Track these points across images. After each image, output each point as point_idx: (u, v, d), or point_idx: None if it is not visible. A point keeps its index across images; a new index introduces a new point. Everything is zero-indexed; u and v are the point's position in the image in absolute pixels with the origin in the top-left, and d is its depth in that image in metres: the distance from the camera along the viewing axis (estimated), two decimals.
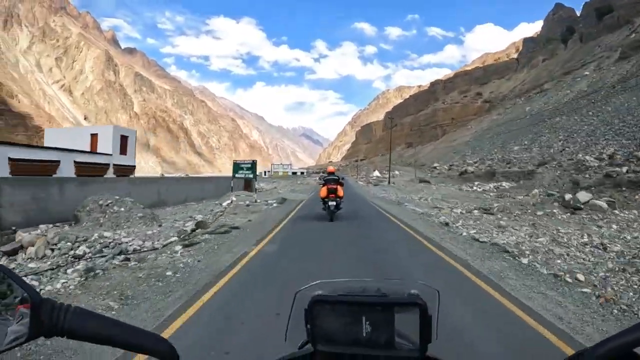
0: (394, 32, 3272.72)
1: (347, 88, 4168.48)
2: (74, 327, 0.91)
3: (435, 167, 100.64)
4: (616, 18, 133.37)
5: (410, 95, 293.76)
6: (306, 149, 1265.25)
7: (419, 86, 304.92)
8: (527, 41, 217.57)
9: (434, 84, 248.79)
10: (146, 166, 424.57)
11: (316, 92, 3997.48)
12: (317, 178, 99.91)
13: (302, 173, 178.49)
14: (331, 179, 18.70)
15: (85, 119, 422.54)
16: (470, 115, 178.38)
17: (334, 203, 18.18)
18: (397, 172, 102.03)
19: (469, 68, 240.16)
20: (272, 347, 4.41)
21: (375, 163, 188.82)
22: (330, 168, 20.04)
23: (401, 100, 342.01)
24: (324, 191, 18.55)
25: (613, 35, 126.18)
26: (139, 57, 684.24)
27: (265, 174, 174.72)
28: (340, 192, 18.50)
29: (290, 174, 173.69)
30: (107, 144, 41.62)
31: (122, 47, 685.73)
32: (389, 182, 58.40)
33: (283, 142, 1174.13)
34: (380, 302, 1.12)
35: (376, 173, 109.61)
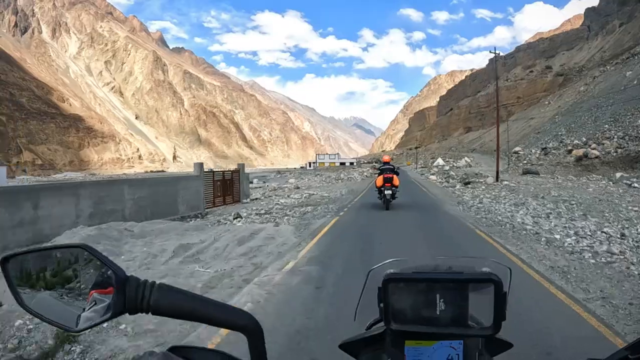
0: (440, 16, 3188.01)
1: (397, 76, 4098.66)
2: (159, 304, 0.87)
3: (517, 153, 79.66)
4: None
5: (467, 76, 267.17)
6: (358, 139, 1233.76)
7: (472, 70, 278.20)
8: (589, 11, 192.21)
9: (493, 61, 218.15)
10: (198, 161, 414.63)
11: (366, 81, 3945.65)
12: (369, 168, 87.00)
13: (351, 163, 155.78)
14: (387, 169, 19.00)
15: (136, 118, 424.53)
16: (540, 91, 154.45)
17: (390, 192, 18.59)
18: (466, 159, 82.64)
19: (532, 40, 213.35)
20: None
21: (432, 150, 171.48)
22: (386, 157, 21.04)
23: (453, 86, 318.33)
24: (380, 180, 18.98)
25: None
26: (187, 56, 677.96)
27: (309, 166, 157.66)
28: (396, 181, 18.89)
29: (337, 164, 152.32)
30: None
31: (170, 48, 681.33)
32: (497, 179, 36.58)
33: (335, 133, 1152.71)
34: (455, 278, 1.09)
35: (439, 161, 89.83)
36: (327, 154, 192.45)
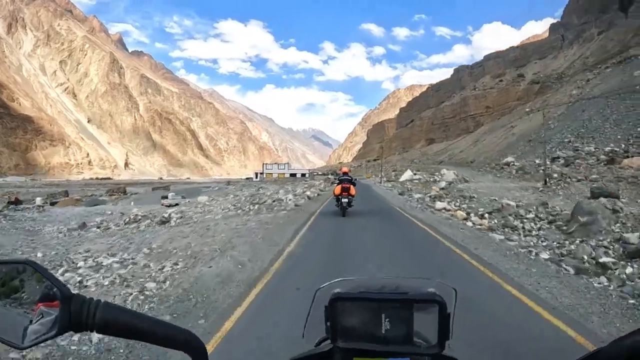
0: (401, 32, 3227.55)
1: (357, 89, 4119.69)
2: (104, 322, 0.81)
3: (509, 164, 62.14)
4: None
5: (429, 87, 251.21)
6: (316, 151, 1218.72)
7: (431, 84, 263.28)
8: (554, 26, 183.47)
9: (458, 71, 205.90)
10: (151, 169, 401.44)
11: (326, 93, 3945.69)
12: (323, 181, 75.97)
13: (303, 175, 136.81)
14: (345, 179, 19.89)
15: (89, 121, 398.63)
16: (512, 100, 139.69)
17: (347, 200, 19.26)
18: (445, 172, 63.97)
19: (502, 49, 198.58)
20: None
21: (393, 162, 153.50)
22: (344, 169, 22.26)
23: (413, 97, 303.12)
24: (338, 189, 19.76)
25: None
26: (146, 60, 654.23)
27: (257, 177, 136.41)
28: (353, 191, 19.56)
29: (287, 175, 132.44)
30: None
31: (130, 51, 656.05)
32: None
33: (293, 144, 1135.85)
34: (400, 298, 1.10)
35: (408, 174, 70.69)
36: (276, 163, 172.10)
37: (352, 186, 19.52)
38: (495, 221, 19.77)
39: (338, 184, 20.26)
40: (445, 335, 1.12)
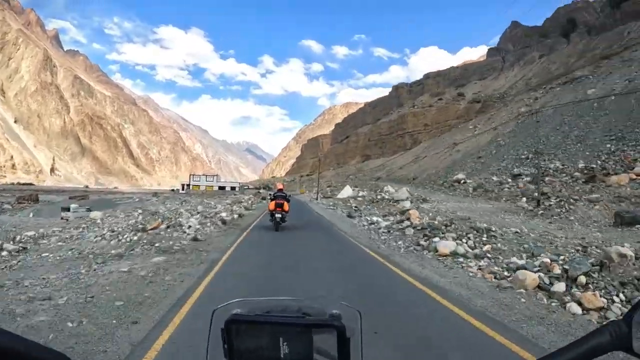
0: (340, 51, 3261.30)
1: (293, 104, 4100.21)
2: None
3: (460, 181, 56.59)
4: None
5: (367, 104, 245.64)
6: (250, 164, 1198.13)
7: (367, 102, 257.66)
8: (491, 50, 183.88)
9: (397, 88, 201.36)
10: (79, 176, 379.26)
11: (262, 107, 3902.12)
12: (252, 195, 73.30)
13: (232, 188, 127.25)
14: (279, 195, 20.79)
15: (15, 121, 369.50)
16: (452, 118, 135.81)
17: (280, 216, 20.04)
18: (390, 188, 56.67)
19: (442, 68, 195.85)
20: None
21: (328, 177, 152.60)
22: (279, 185, 22.80)
23: (350, 113, 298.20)
24: (272, 205, 20.53)
25: None
26: (81, 61, 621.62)
27: (183, 189, 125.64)
28: (286, 207, 20.47)
29: (216, 188, 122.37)
30: None
31: (65, 49, 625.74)
32: None
33: (227, 157, 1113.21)
34: (297, 323, 1.04)
35: (347, 190, 62.90)
36: (204, 175, 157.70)
37: (285, 202, 20.62)
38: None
39: (272, 199, 21.15)
40: (346, 359, 1.05)
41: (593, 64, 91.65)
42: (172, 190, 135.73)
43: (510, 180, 46.46)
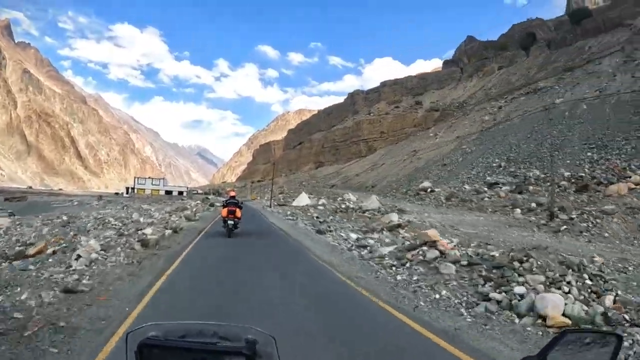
0: (296, 57, 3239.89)
1: (246, 109, 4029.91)
2: None
3: (426, 190, 52.24)
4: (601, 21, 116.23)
5: (321, 110, 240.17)
6: (200, 169, 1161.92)
7: (320, 110, 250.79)
8: (447, 62, 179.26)
9: (353, 96, 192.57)
10: (24, 176, 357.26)
11: (215, 111, 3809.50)
12: (200, 202, 65.67)
13: (180, 192, 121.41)
14: (232, 202, 20.81)
15: None
16: (409, 126, 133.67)
17: (232, 222, 20.03)
18: (351, 197, 51.68)
19: (400, 77, 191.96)
20: None
21: (280, 184, 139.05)
22: (232, 192, 23.74)
23: (303, 120, 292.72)
24: (225, 212, 20.69)
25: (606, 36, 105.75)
26: (32, 54, 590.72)
27: (127, 192, 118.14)
28: (239, 213, 20.46)
29: (162, 192, 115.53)
30: None
31: (15, 41, 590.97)
32: None
33: (177, 161, 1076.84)
34: (209, 349, 1.02)
35: (303, 198, 57.14)
36: (150, 178, 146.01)
37: (238, 209, 20.66)
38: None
39: (225, 206, 21.27)
40: None
41: (556, 76, 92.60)
42: (116, 193, 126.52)
43: (486, 189, 42.53)
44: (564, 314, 7.30)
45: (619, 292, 8.70)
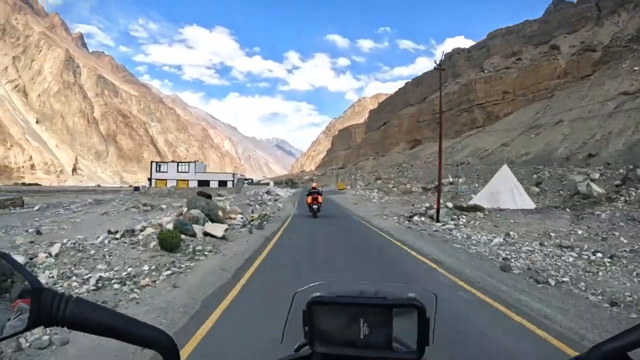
0: (366, 44, 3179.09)
1: (320, 99, 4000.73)
2: (75, 317, 0.74)
3: None
4: None
5: (407, 83, 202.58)
6: (279, 160, 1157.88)
7: (406, 83, 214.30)
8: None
9: (450, 57, 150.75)
10: (104, 175, 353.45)
11: (290, 103, 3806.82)
12: (272, 199, 50.60)
13: (223, 184, 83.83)
14: (314, 192, 26.98)
15: (37, 122, 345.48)
16: (549, 79, 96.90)
17: (316, 206, 26.30)
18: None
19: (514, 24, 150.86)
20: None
21: (368, 169, 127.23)
22: (314, 184, 31.11)
23: (386, 98, 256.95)
24: (309, 199, 26.71)
25: None
26: (107, 61, 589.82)
27: (138, 189, 77.51)
28: (320, 199, 26.53)
29: (194, 185, 76.10)
30: None
31: (90, 51, 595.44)
32: None
33: (256, 153, 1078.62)
34: (378, 303, 0.95)
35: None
36: (174, 161, 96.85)
37: (319, 196, 26.65)
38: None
39: (308, 195, 27.38)
40: (424, 340, 1.00)
41: None
42: (136, 188, 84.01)
43: None
44: None
45: None
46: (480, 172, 59.41)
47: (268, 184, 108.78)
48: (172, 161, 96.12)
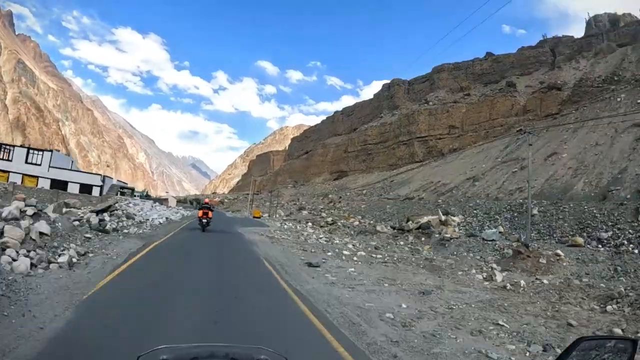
0: (295, 75, 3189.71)
1: (242, 124, 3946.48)
2: None
3: None
4: None
5: (339, 111, 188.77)
6: (193, 180, 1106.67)
7: (335, 112, 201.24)
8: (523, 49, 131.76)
9: (389, 87, 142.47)
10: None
11: (211, 123, 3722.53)
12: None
13: (110, 190, 62.84)
14: (205, 206, 27.49)
15: None
16: (506, 116, 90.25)
17: (206, 220, 26.06)
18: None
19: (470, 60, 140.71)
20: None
21: (286, 197, 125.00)
22: (207, 200, 32.98)
23: (310, 126, 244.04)
24: (200, 213, 26.84)
25: None
26: (31, 48, 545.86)
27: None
28: (210, 214, 26.77)
29: (44, 184, 52.03)
30: None
31: (16, 33, 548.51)
32: None
33: (170, 170, 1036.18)
34: None
35: None
36: (23, 146, 65.25)
37: (210, 212, 27.07)
38: None
39: (200, 209, 28.18)
40: None
41: None
42: None
43: None
44: None
45: None
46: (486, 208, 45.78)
47: (167, 200, 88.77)
48: (22, 145, 66.58)
